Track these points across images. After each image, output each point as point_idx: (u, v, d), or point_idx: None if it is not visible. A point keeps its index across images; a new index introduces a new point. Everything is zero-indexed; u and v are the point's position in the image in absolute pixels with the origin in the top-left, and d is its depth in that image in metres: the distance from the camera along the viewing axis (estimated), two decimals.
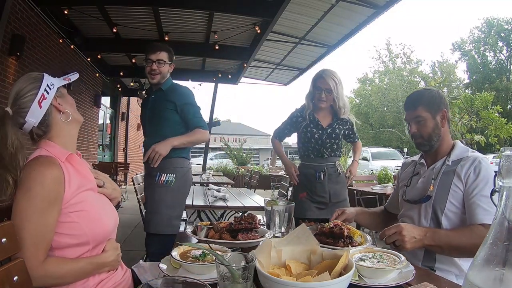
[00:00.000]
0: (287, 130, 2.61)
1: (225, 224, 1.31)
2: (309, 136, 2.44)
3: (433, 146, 1.52)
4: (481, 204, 1.33)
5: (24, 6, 5.00)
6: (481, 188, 1.35)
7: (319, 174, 2.42)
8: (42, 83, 1.10)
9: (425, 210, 1.48)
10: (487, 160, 1.43)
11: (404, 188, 1.63)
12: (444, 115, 1.52)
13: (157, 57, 2.31)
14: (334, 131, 2.46)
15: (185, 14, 5.97)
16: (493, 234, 0.52)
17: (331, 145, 2.45)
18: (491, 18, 27.95)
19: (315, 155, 2.45)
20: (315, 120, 2.46)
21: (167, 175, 2.27)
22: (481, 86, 25.17)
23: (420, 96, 1.55)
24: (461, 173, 1.41)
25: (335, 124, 2.47)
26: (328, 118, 2.50)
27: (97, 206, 1.12)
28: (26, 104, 1.07)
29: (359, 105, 29.96)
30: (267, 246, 0.90)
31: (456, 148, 1.51)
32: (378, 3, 5.13)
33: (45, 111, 1.09)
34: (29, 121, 1.07)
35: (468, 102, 8.80)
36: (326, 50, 7.29)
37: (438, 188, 1.46)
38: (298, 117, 2.52)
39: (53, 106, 1.12)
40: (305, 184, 2.48)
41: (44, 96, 1.09)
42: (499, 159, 0.54)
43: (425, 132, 1.51)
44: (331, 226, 1.25)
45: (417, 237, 1.26)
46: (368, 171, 10.66)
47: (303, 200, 2.45)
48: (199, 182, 5.99)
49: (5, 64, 4.69)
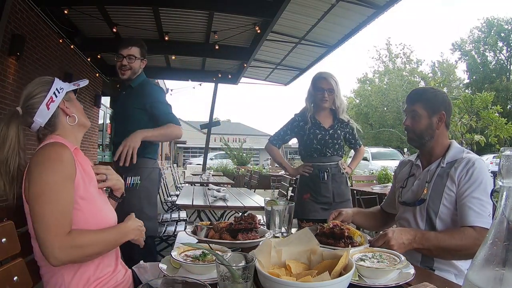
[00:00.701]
0: (287, 136, 2.59)
1: (225, 224, 1.31)
2: (312, 138, 2.45)
3: (424, 144, 1.52)
4: (472, 206, 1.32)
5: (24, 6, 5.00)
6: (473, 190, 1.34)
7: (323, 175, 2.42)
8: (51, 87, 1.18)
9: (420, 212, 1.48)
10: (482, 162, 1.42)
11: (400, 190, 1.62)
12: (442, 117, 1.50)
13: (128, 52, 2.25)
14: (336, 131, 2.49)
15: (185, 14, 5.97)
16: (493, 234, 0.52)
17: (334, 145, 2.47)
18: (491, 18, 28.00)
19: (318, 155, 2.46)
20: (317, 122, 2.48)
21: (132, 178, 2.17)
22: (481, 86, 25.21)
23: (422, 93, 1.56)
24: (454, 176, 1.40)
25: (336, 125, 2.51)
26: (329, 119, 2.52)
27: (99, 200, 1.18)
28: (35, 105, 1.15)
29: (359, 105, 29.98)
30: (267, 246, 0.90)
31: (451, 149, 1.50)
32: (378, 3, 5.14)
33: (52, 113, 1.17)
34: (36, 121, 1.16)
35: (468, 102, 8.81)
36: (326, 50, 7.29)
37: (432, 191, 1.45)
38: (300, 121, 2.52)
39: (60, 109, 1.20)
40: (309, 185, 2.47)
41: (52, 99, 1.17)
42: (499, 159, 0.54)
43: (417, 128, 1.51)
44: (331, 226, 1.25)
45: (405, 242, 1.26)
46: (368, 171, 10.65)
47: (307, 201, 2.44)
48: (199, 182, 6.00)
49: (5, 64, 4.69)
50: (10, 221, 0.99)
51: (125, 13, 5.90)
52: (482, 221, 1.30)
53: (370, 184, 5.43)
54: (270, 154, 2.73)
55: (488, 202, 1.33)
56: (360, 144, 2.70)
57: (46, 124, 1.17)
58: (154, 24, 6.29)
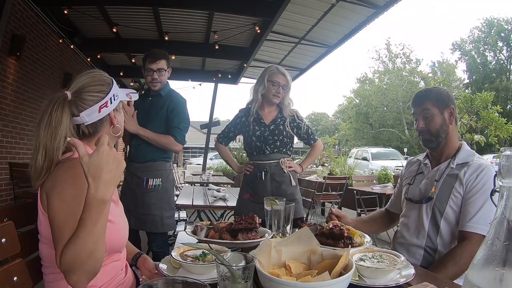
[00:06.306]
0: (231, 133, 2.51)
1: (225, 224, 1.30)
2: (251, 134, 2.36)
3: (440, 143, 1.51)
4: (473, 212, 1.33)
5: (24, 6, 5.00)
6: (479, 195, 1.35)
7: (260, 174, 2.32)
8: (110, 90, 1.10)
9: (425, 210, 1.48)
10: (492, 168, 1.41)
11: (407, 186, 1.62)
12: (452, 112, 1.51)
13: (158, 66, 2.37)
14: (277, 127, 2.34)
15: (185, 14, 5.97)
16: (493, 234, 0.52)
17: (274, 142, 2.33)
18: (491, 18, 27.99)
19: (258, 152, 2.35)
20: (259, 117, 2.37)
21: (154, 180, 2.36)
22: (481, 86, 25.20)
23: (428, 92, 1.55)
24: (463, 179, 1.41)
25: (279, 120, 2.36)
26: (272, 114, 2.39)
27: (118, 218, 1.11)
28: (88, 102, 1.05)
29: (359, 105, 29.96)
30: (267, 246, 0.90)
31: (462, 151, 1.49)
32: (378, 3, 5.13)
33: (101, 118, 1.08)
34: (82, 117, 1.05)
35: (468, 102, 8.81)
36: (326, 50, 7.29)
37: (440, 190, 1.45)
38: (242, 117, 2.44)
39: (109, 116, 1.12)
40: (249, 184, 2.39)
41: (107, 104, 1.08)
42: (499, 159, 0.54)
43: (433, 127, 1.49)
44: (331, 226, 1.25)
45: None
46: (368, 171, 10.66)
47: (246, 201, 2.37)
48: (199, 182, 5.99)
49: (5, 64, 4.70)
50: (10, 221, 0.99)
51: (125, 13, 5.89)
52: (481, 228, 1.30)
53: (370, 184, 5.42)
54: (218, 152, 2.69)
55: (491, 210, 1.32)
56: (316, 139, 2.49)
57: (89, 124, 1.08)
58: (154, 24, 6.28)
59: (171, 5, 5.46)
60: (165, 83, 2.46)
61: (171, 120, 2.38)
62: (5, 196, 4.90)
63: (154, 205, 2.35)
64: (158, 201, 2.37)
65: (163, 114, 2.39)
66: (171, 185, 2.54)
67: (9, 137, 4.97)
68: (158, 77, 2.38)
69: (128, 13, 5.91)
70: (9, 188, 4.89)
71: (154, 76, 2.37)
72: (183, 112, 2.41)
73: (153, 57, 2.38)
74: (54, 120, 0.99)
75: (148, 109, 2.43)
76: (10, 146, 5.00)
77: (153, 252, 2.45)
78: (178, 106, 2.41)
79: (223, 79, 9.15)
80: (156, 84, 2.39)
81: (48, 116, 0.99)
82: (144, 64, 2.41)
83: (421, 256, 1.46)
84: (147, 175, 2.36)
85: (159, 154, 2.39)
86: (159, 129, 2.36)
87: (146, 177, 2.36)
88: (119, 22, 6.10)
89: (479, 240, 1.29)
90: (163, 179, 2.39)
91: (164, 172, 2.43)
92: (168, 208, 2.44)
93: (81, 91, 1.05)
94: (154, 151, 2.37)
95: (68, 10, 5.43)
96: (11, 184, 4.87)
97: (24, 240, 1.07)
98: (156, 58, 2.37)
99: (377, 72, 30.27)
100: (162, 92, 2.44)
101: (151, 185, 2.35)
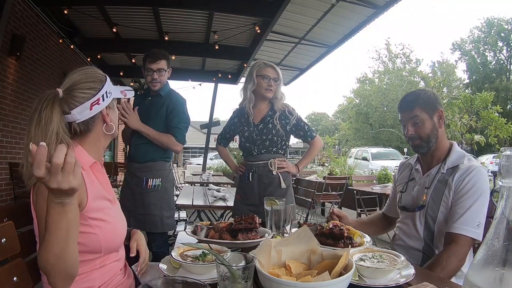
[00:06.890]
0: (228, 134, 2.51)
1: (225, 224, 1.31)
2: (241, 136, 2.36)
3: (430, 148, 1.49)
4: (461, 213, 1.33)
5: (24, 6, 5.00)
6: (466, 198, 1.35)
7: (248, 175, 2.29)
8: (102, 87, 1.07)
9: (419, 218, 1.48)
10: (481, 170, 1.39)
11: (400, 194, 1.61)
12: (441, 115, 1.49)
13: (158, 66, 2.37)
14: (266, 126, 2.26)
15: (185, 14, 5.97)
16: (493, 234, 0.52)
17: (262, 142, 2.25)
18: (491, 18, 27.97)
19: (247, 153, 2.32)
20: (248, 117, 2.31)
21: (154, 180, 2.36)
22: (481, 86, 25.19)
23: (415, 97, 1.50)
24: (452, 184, 1.40)
25: (268, 118, 2.27)
26: (263, 112, 2.30)
27: (114, 217, 1.11)
28: (79, 99, 1.03)
29: (359, 105, 29.94)
30: (267, 246, 0.90)
31: (452, 153, 1.47)
32: (378, 3, 5.14)
33: (92, 115, 1.07)
34: (73, 115, 1.03)
35: (468, 102, 8.81)
36: (326, 50, 7.29)
37: (430, 198, 1.45)
38: (234, 118, 2.42)
39: (101, 114, 1.10)
40: (240, 185, 2.40)
41: (99, 101, 1.06)
42: (499, 159, 0.54)
43: (423, 133, 1.47)
44: (331, 226, 1.25)
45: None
46: (368, 171, 10.65)
47: (237, 202, 2.39)
48: (199, 182, 5.99)
49: (5, 64, 4.70)
50: (10, 221, 0.99)
51: (125, 13, 5.89)
52: (468, 230, 1.29)
53: (370, 184, 5.42)
54: (219, 154, 2.70)
55: (480, 211, 1.32)
56: (313, 136, 2.34)
57: (81, 122, 1.05)
58: (154, 24, 6.28)
59: (171, 5, 5.47)
60: (165, 83, 2.47)
61: (171, 120, 2.38)
62: (5, 196, 4.90)
63: (154, 205, 2.35)
64: (158, 201, 2.37)
65: (163, 114, 2.39)
66: (171, 185, 2.55)
67: (9, 137, 4.97)
68: (158, 77, 2.38)
69: (128, 13, 5.91)
70: (9, 188, 4.90)
71: (154, 76, 2.38)
72: (183, 112, 2.42)
73: (153, 57, 2.38)
74: (44, 117, 0.96)
75: (148, 109, 2.43)
76: (10, 146, 5.00)
77: (153, 252, 2.45)
78: (178, 106, 2.41)
79: (223, 79, 9.15)
80: (156, 84, 2.40)
81: (38, 114, 0.96)
82: (144, 64, 2.41)
83: (419, 258, 1.46)
84: (146, 175, 2.37)
85: (159, 154, 2.40)
86: (159, 129, 2.36)
87: (145, 177, 2.36)
88: (119, 22, 6.10)
89: (466, 242, 1.29)
90: (163, 179, 2.40)
91: (164, 172, 2.43)
92: (168, 208, 2.45)
93: (72, 88, 1.03)
94: (153, 151, 2.37)
95: (68, 10, 5.43)
96: (11, 184, 4.87)
97: (24, 240, 1.07)
98: (156, 58, 2.38)
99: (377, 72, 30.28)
100: (162, 92, 2.44)
101: (151, 185, 2.36)
